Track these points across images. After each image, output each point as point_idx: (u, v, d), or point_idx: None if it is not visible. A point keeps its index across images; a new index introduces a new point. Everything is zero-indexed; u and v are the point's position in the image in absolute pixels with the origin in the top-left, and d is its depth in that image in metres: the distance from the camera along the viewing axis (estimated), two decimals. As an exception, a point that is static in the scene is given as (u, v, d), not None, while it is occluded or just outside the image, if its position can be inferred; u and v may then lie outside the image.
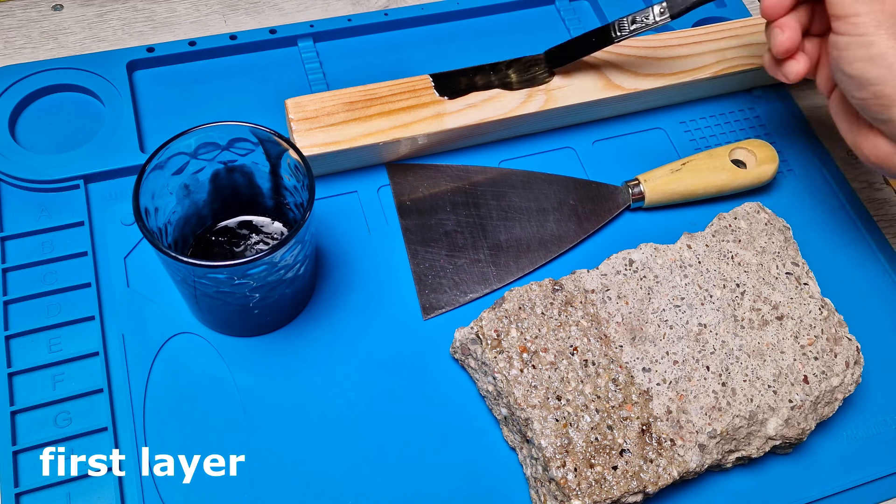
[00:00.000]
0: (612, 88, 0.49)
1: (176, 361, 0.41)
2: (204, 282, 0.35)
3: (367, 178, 0.48)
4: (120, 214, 0.44)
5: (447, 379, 0.42)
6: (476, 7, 0.56)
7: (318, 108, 0.45)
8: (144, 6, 0.55)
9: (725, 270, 0.42)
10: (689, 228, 0.46)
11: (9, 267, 0.42)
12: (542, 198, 0.48)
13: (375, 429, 0.40)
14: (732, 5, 0.58)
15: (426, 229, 0.46)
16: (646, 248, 0.43)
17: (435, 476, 0.39)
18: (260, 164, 0.39)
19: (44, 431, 0.38)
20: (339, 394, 0.41)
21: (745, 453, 0.39)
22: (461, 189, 0.47)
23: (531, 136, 0.51)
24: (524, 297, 0.40)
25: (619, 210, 0.48)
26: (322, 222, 0.46)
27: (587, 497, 0.35)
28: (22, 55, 0.52)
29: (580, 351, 0.38)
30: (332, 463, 0.39)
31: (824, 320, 0.41)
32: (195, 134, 0.37)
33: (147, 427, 0.39)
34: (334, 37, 0.54)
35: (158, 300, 0.42)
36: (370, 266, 0.45)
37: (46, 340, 0.40)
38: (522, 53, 0.50)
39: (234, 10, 0.56)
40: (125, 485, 0.37)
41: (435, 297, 0.44)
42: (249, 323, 0.41)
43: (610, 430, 0.36)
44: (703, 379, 0.38)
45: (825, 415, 0.40)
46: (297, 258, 0.37)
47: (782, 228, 0.44)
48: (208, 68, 0.51)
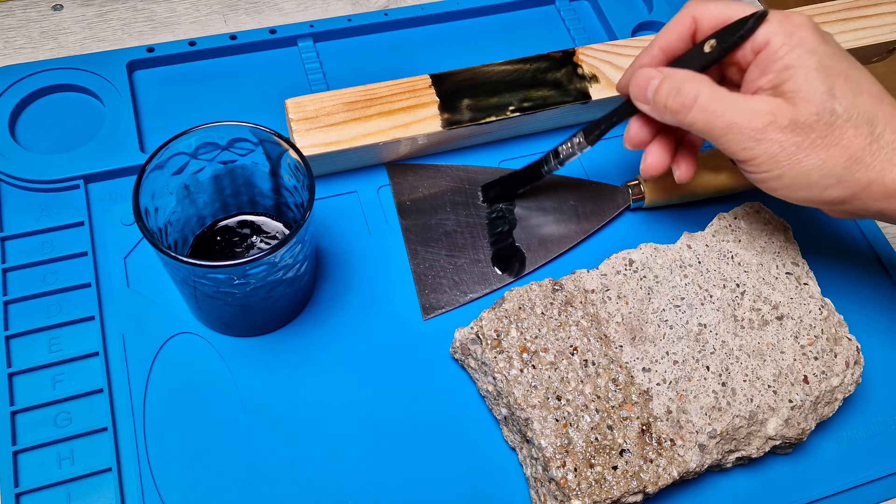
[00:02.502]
0: (612, 88, 0.49)
1: (176, 361, 0.41)
2: (204, 282, 0.35)
3: (367, 178, 0.48)
4: (120, 214, 0.44)
5: (447, 379, 0.42)
6: (476, 7, 0.56)
7: (318, 108, 0.45)
8: (144, 6, 0.55)
9: (725, 270, 0.42)
10: (689, 228, 0.46)
11: (9, 267, 0.42)
12: (542, 198, 0.48)
13: (375, 429, 0.40)
14: (732, 5, 0.58)
15: (426, 229, 0.46)
16: (646, 248, 0.43)
17: (435, 476, 0.39)
18: (260, 164, 0.39)
19: (44, 431, 0.38)
20: (339, 394, 0.41)
21: (745, 453, 0.39)
22: (461, 189, 0.47)
23: (531, 136, 0.51)
24: (524, 297, 0.40)
25: (619, 210, 0.48)
26: (322, 222, 0.46)
27: (587, 497, 0.35)
28: (22, 55, 0.52)
29: (580, 351, 0.38)
30: (332, 463, 0.39)
31: (824, 320, 0.41)
32: (195, 134, 0.37)
33: (147, 427, 0.39)
34: (334, 37, 0.54)
35: (158, 300, 0.42)
36: (370, 266, 0.45)
37: (46, 340, 0.40)
38: (522, 53, 0.50)
39: (234, 10, 0.56)
40: (125, 485, 0.37)
41: (435, 297, 0.44)
42: (249, 323, 0.41)
43: (610, 430, 0.36)
44: (703, 379, 0.38)
45: (825, 415, 0.40)
46: (297, 258, 0.37)
47: (782, 228, 0.44)
48: (208, 68, 0.51)
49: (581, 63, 0.49)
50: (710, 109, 0.35)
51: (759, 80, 0.36)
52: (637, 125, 0.40)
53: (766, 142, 0.34)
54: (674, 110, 0.36)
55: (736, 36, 0.36)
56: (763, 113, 0.34)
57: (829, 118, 0.34)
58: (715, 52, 0.37)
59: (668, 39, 0.39)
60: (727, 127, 0.35)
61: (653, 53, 0.40)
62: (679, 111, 0.36)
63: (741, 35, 0.36)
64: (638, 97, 0.38)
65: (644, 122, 0.40)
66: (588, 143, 0.42)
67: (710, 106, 0.35)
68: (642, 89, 0.38)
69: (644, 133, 0.40)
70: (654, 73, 0.38)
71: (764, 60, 0.35)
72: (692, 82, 0.36)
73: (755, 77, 0.36)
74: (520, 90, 0.48)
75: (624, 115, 0.40)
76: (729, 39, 0.36)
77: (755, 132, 0.34)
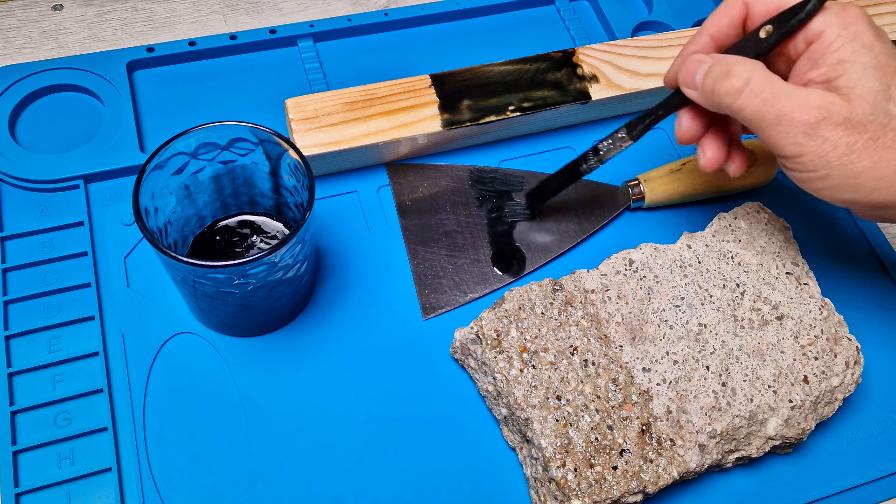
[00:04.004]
0: (612, 88, 0.49)
1: (176, 361, 0.41)
2: (204, 282, 0.35)
3: (367, 178, 0.48)
4: (120, 214, 0.44)
5: (447, 379, 0.42)
6: (476, 7, 0.56)
7: (318, 108, 0.45)
8: (144, 6, 0.55)
9: (725, 270, 0.42)
10: (689, 228, 0.46)
11: (9, 267, 0.42)
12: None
13: (375, 429, 0.40)
14: (732, 5, 0.58)
15: (426, 229, 0.46)
16: (646, 248, 0.43)
17: (435, 476, 0.39)
18: (260, 164, 0.39)
19: (44, 431, 0.38)
20: (339, 394, 0.41)
21: (745, 453, 0.39)
22: (461, 189, 0.47)
23: (531, 136, 0.51)
24: (524, 297, 0.40)
25: (619, 210, 0.48)
26: (322, 222, 0.46)
27: (587, 497, 0.35)
28: (22, 55, 0.52)
29: (580, 351, 0.38)
30: (332, 463, 0.39)
31: (824, 320, 0.41)
32: (195, 134, 0.37)
33: (147, 427, 0.39)
34: (334, 37, 0.54)
35: (158, 300, 0.42)
36: (370, 266, 0.45)
37: (46, 340, 0.40)
38: (522, 53, 0.50)
39: (234, 10, 0.56)
40: (125, 485, 0.37)
41: (435, 297, 0.44)
42: (249, 323, 0.41)
43: (610, 430, 0.36)
44: (703, 379, 0.38)
45: (825, 415, 0.40)
46: (297, 258, 0.37)
47: (782, 228, 0.44)
48: (208, 68, 0.51)
49: (581, 63, 0.49)
50: (762, 96, 0.33)
51: (811, 73, 0.34)
52: (688, 118, 0.38)
53: (818, 139, 0.33)
54: (723, 93, 0.34)
55: (796, 19, 0.34)
56: (817, 107, 0.32)
57: (884, 119, 0.32)
58: (772, 38, 0.35)
59: (718, 26, 0.37)
60: (777, 117, 0.33)
61: (702, 41, 0.38)
62: (729, 94, 0.34)
63: (801, 19, 0.34)
64: (687, 83, 0.36)
65: (695, 115, 0.38)
66: (631, 139, 0.40)
67: (762, 92, 0.33)
68: (692, 74, 0.36)
69: (696, 126, 0.38)
70: (706, 57, 0.36)
71: (817, 52, 0.34)
72: (744, 65, 0.34)
73: (806, 69, 0.34)
74: (520, 90, 0.48)
75: (671, 109, 0.39)
76: (787, 24, 0.34)
77: (807, 127, 0.32)
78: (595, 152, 0.41)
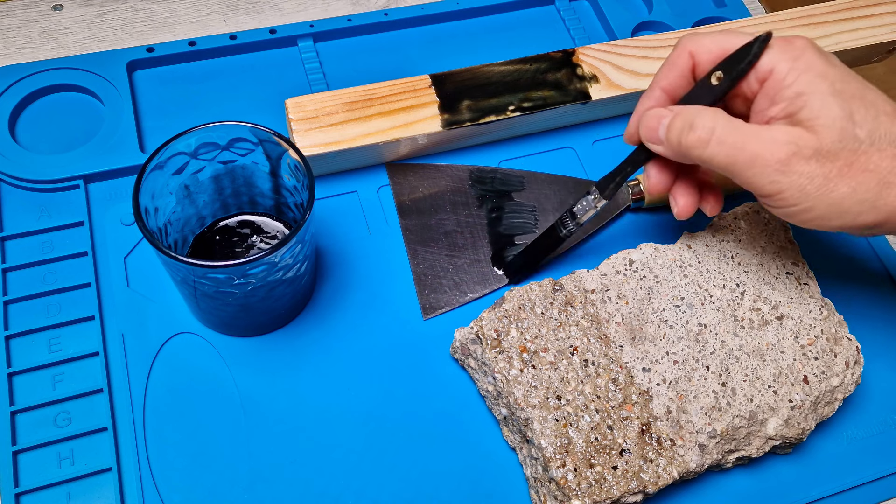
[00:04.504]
0: (612, 88, 0.49)
1: (176, 361, 0.41)
2: (204, 282, 0.35)
3: (367, 178, 0.48)
4: (120, 214, 0.44)
5: (447, 379, 0.42)
6: (476, 7, 0.56)
7: (318, 108, 0.45)
8: (144, 6, 0.55)
9: (725, 270, 0.42)
10: (689, 228, 0.46)
11: (9, 267, 0.42)
12: (542, 198, 0.48)
13: (375, 429, 0.40)
14: (732, 5, 0.58)
15: (426, 229, 0.46)
16: (646, 248, 0.43)
17: (435, 476, 0.39)
18: (260, 164, 0.39)
19: (44, 431, 0.38)
20: (339, 394, 0.41)
21: (745, 453, 0.39)
22: (461, 189, 0.47)
23: (531, 136, 0.51)
24: (524, 297, 0.40)
25: (619, 210, 0.48)
26: (322, 222, 0.46)
27: (587, 497, 0.35)
28: (22, 55, 0.52)
29: (580, 351, 0.38)
30: (332, 463, 0.39)
31: (824, 320, 0.41)
32: (195, 134, 0.37)
33: (147, 427, 0.39)
34: (334, 37, 0.54)
35: (158, 300, 0.42)
36: (370, 266, 0.45)
37: (46, 340, 0.40)
38: (522, 53, 0.50)
39: (234, 10, 0.56)
40: (125, 485, 0.37)
41: (435, 297, 0.44)
42: (249, 323, 0.41)
43: (610, 430, 0.36)
44: (703, 379, 0.38)
45: (825, 415, 0.40)
46: (297, 258, 0.37)
47: (782, 228, 0.44)
48: (208, 68, 0.51)
49: (581, 63, 0.49)
50: (729, 142, 0.33)
51: (771, 110, 0.34)
52: (655, 171, 0.38)
53: (793, 174, 0.32)
54: (690, 146, 0.34)
55: (744, 63, 0.34)
56: (785, 143, 0.32)
57: (853, 144, 0.32)
58: (724, 84, 0.35)
59: (668, 79, 0.37)
60: (750, 160, 0.33)
61: (655, 95, 0.38)
62: (696, 146, 0.34)
63: (749, 61, 0.34)
64: (650, 139, 0.36)
65: (662, 167, 0.38)
66: (605, 199, 0.40)
67: (728, 138, 0.33)
68: (653, 130, 0.36)
69: (665, 178, 0.38)
70: (664, 111, 0.36)
71: (772, 88, 0.34)
72: (705, 115, 0.34)
73: (765, 107, 0.34)
74: (520, 90, 0.48)
75: (639, 163, 0.39)
76: (736, 68, 0.34)
77: (779, 164, 0.32)
78: (572, 216, 0.41)
